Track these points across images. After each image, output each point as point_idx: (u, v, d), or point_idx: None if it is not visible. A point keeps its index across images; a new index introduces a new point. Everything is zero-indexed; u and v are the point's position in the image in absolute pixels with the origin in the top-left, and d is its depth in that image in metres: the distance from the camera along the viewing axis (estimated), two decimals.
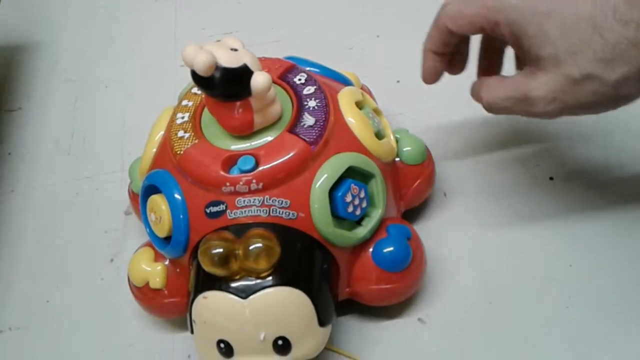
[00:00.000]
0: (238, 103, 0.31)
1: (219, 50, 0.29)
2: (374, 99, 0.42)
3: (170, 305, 0.36)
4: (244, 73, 0.30)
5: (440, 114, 0.47)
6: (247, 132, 0.32)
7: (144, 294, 0.36)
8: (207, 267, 0.30)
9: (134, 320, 0.39)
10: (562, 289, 0.37)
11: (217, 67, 0.29)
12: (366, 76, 0.44)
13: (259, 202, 0.31)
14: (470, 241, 0.39)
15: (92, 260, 0.43)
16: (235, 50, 0.31)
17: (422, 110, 0.47)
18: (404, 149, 0.37)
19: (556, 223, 0.40)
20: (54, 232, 0.45)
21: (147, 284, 0.36)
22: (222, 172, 0.32)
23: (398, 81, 0.50)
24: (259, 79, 0.30)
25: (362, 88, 0.41)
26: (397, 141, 0.38)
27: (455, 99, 0.47)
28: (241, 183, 0.31)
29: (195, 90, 0.36)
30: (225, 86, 0.30)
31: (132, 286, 0.37)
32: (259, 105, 0.31)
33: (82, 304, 0.41)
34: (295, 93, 0.34)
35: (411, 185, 0.38)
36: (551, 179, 0.42)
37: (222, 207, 0.32)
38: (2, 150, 0.50)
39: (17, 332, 0.40)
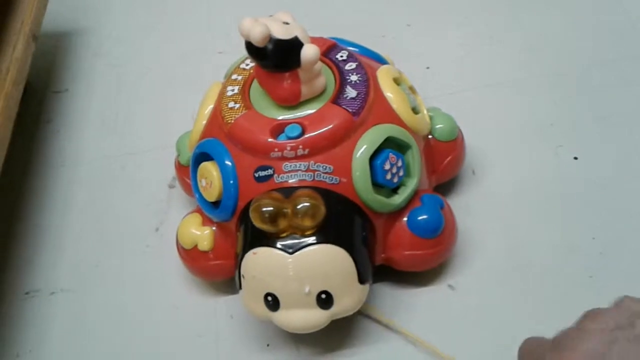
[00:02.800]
0: (287, 74, 0.34)
1: (273, 24, 0.32)
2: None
3: (215, 268, 0.38)
4: (295, 45, 0.32)
5: (469, 98, 0.49)
6: (294, 102, 0.35)
7: (191, 256, 0.38)
8: (258, 224, 0.32)
9: (177, 284, 0.42)
10: (586, 260, 0.39)
11: (271, 39, 0.32)
12: (398, 62, 0.46)
13: (305, 167, 0.34)
14: (497, 214, 0.41)
15: (138, 229, 0.45)
16: (287, 23, 0.34)
17: (452, 94, 0.49)
18: (437, 126, 0.40)
19: (580, 199, 0.42)
20: (101, 202, 0.48)
21: (195, 246, 0.38)
22: (270, 139, 0.34)
23: (428, 67, 0.52)
24: (309, 51, 0.32)
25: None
26: (430, 118, 0.40)
27: (482, 84, 0.49)
28: (288, 149, 0.34)
29: (243, 65, 0.39)
30: (278, 56, 0.32)
31: (180, 249, 0.39)
32: (306, 77, 0.34)
33: (129, 268, 0.43)
34: (338, 68, 0.37)
35: (443, 161, 0.40)
36: (575, 158, 0.44)
37: (270, 171, 0.34)
38: (51, 128, 0.53)
39: (67, 294, 0.43)
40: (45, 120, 0.54)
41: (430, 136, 0.40)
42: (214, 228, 0.38)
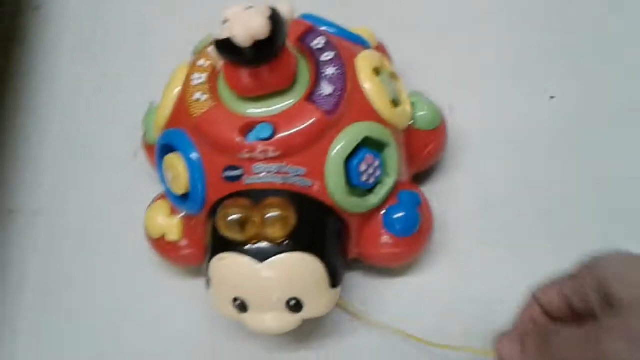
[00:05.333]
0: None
1: (256, 17, 0.29)
2: (389, 56, 0.41)
3: (186, 257, 0.37)
4: (274, 38, 0.30)
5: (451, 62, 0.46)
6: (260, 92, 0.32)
7: (160, 245, 0.37)
8: (225, 233, 0.31)
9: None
10: None
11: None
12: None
13: (276, 169, 0.32)
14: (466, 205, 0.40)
15: (116, 152, 0.45)
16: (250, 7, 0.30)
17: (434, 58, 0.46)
18: (418, 114, 0.38)
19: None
20: (79, 120, 0.47)
21: (163, 236, 0.37)
22: (239, 138, 0.32)
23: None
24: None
25: (378, 46, 0.41)
26: (412, 105, 0.38)
27: (467, 47, 0.46)
28: (258, 150, 0.32)
29: (209, 50, 0.36)
30: (256, 55, 0.30)
31: (148, 238, 0.38)
32: None
33: (109, 189, 0.44)
34: (314, 59, 0.34)
35: (424, 150, 0.38)
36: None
37: (239, 172, 0.32)
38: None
39: (46, 216, 0.43)
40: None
41: (411, 122, 0.38)
42: (182, 216, 0.37)
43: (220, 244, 0.32)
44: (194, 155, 0.34)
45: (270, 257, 0.31)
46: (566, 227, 0.39)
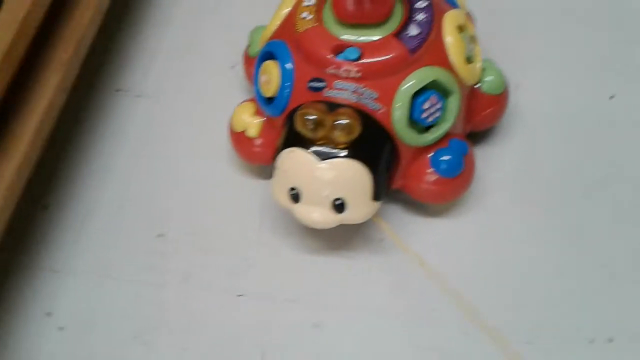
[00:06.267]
0: None
1: None
2: (474, 25, 0.46)
3: (258, 154, 0.43)
4: None
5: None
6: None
7: (239, 139, 0.44)
8: (299, 128, 0.37)
9: None
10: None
11: None
12: None
13: (353, 88, 0.38)
14: (510, 172, 0.44)
15: (217, 60, 0.51)
16: None
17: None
18: (486, 79, 0.42)
19: None
20: (192, 29, 0.53)
21: (244, 131, 0.43)
22: (330, 56, 0.38)
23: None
24: None
25: (466, 13, 0.45)
26: (482, 69, 0.42)
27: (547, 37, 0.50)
28: (343, 69, 0.38)
29: None
30: None
31: (231, 130, 0.44)
32: None
33: (205, 91, 0.50)
34: (409, 4, 0.39)
35: (482, 112, 0.43)
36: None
37: (322, 84, 0.38)
38: None
39: (150, 99, 0.50)
40: None
41: (478, 85, 0.42)
42: (263, 119, 0.43)
43: (293, 140, 0.38)
44: (288, 65, 0.40)
45: (330, 158, 0.37)
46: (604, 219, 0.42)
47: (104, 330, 0.41)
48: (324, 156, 0.37)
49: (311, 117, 0.37)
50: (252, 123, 0.43)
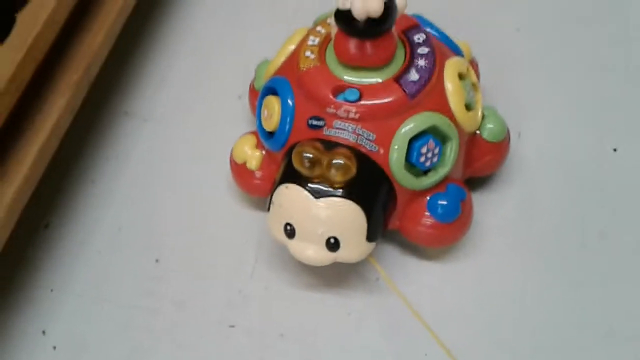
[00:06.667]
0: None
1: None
2: (478, 72, 0.46)
3: (257, 186, 0.44)
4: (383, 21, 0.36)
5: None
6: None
7: (239, 171, 0.44)
8: (296, 166, 0.37)
9: None
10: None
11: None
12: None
13: (352, 129, 0.38)
14: (509, 219, 0.44)
15: (225, 90, 0.52)
16: None
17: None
18: (487, 126, 0.42)
19: None
20: (204, 55, 0.55)
21: (245, 163, 0.44)
22: (330, 96, 0.38)
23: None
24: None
25: (471, 60, 0.46)
26: (483, 116, 0.42)
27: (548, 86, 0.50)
28: (342, 109, 0.38)
29: (329, 21, 0.42)
30: (366, 30, 0.36)
31: (232, 161, 0.45)
32: None
33: (219, 116, 0.51)
34: (411, 49, 0.40)
35: (482, 159, 0.43)
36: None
37: (321, 122, 0.39)
38: None
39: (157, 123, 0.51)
40: None
41: (478, 131, 0.42)
42: (264, 152, 0.43)
43: (290, 175, 0.38)
44: (289, 101, 0.40)
45: (326, 196, 0.37)
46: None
47: (95, 352, 0.41)
48: (320, 194, 0.37)
49: (308, 155, 0.37)
50: (253, 155, 0.44)
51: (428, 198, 0.40)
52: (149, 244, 0.45)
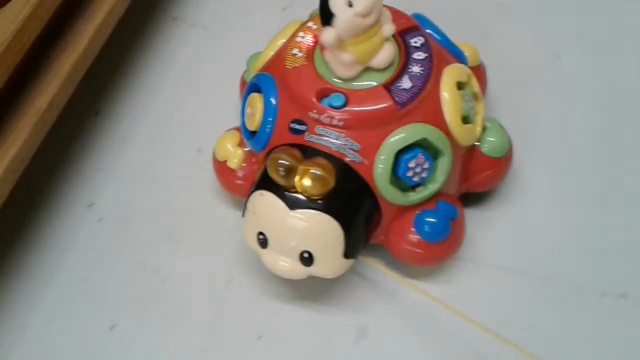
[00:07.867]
0: None
1: None
2: (485, 78, 0.43)
3: (237, 186, 0.41)
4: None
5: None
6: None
7: (221, 168, 0.42)
8: (271, 173, 0.35)
9: None
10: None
11: None
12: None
13: (334, 136, 0.35)
14: (508, 235, 0.41)
15: (224, 73, 0.50)
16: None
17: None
18: (487, 139, 0.39)
19: None
20: (209, 36, 0.54)
21: (226, 161, 0.41)
22: (314, 99, 0.35)
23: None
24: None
25: (478, 65, 0.42)
26: (484, 129, 0.39)
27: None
28: (325, 114, 0.35)
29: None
30: None
31: (214, 159, 0.43)
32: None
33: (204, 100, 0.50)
34: (406, 54, 0.36)
35: (481, 174, 0.39)
36: None
37: (303, 127, 0.36)
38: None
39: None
40: None
41: (478, 144, 0.39)
42: (246, 150, 0.41)
43: (265, 182, 0.36)
44: (272, 100, 0.37)
45: (301, 208, 0.34)
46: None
47: (137, 227, 0.43)
48: (295, 205, 0.35)
49: (283, 162, 0.34)
50: (235, 154, 0.41)
51: (416, 214, 0.37)
52: (191, 136, 0.48)
